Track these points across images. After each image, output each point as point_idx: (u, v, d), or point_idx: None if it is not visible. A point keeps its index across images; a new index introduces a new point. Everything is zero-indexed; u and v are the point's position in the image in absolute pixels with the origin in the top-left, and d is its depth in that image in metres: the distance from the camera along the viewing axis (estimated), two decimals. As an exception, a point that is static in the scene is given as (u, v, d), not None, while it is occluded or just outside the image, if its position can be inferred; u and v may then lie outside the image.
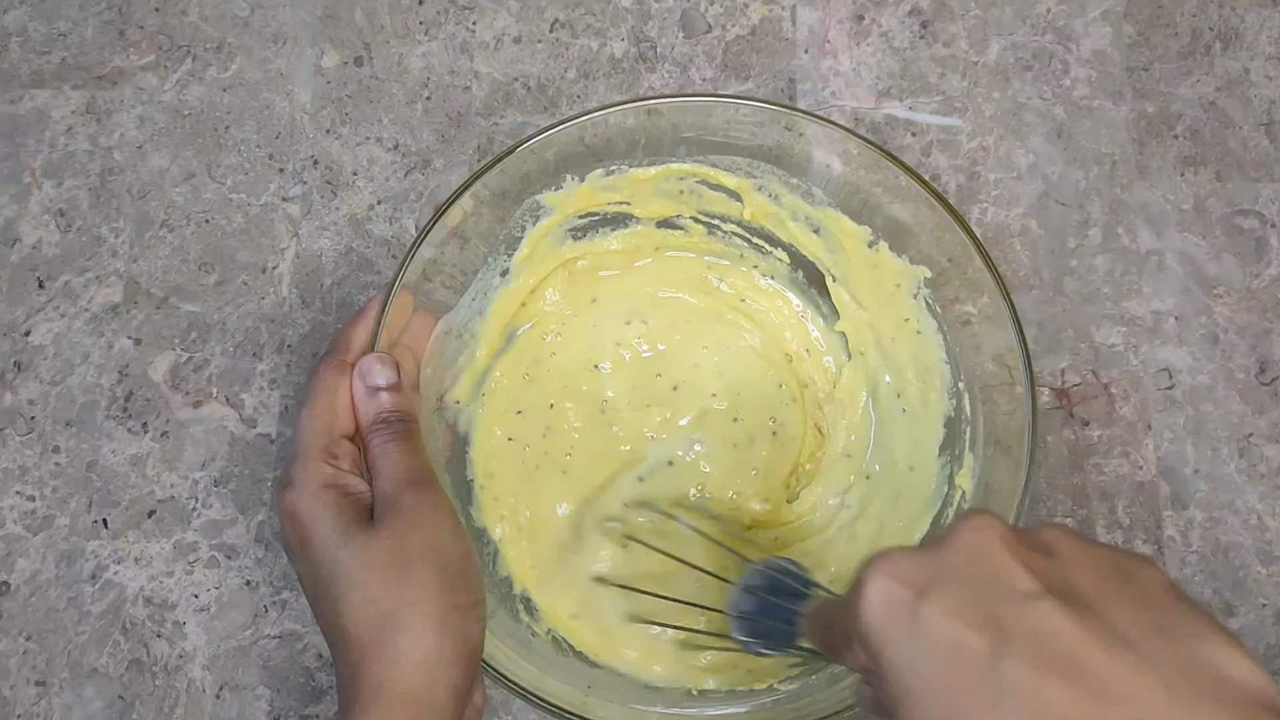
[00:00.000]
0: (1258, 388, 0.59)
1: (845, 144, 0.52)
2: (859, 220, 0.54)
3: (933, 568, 0.31)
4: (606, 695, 0.51)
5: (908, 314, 0.55)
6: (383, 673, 0.40)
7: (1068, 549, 0.32)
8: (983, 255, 0.49)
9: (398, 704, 0.39)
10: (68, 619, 0.56)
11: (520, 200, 0.53)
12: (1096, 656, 0.28)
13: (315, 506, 0.43)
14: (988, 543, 0.31)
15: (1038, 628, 0.29)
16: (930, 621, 0.30)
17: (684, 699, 0.52)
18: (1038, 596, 0.30)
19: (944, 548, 0.32)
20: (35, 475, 0.58)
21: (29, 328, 0.60)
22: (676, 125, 0.53)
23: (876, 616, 0.31)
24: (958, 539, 0.32)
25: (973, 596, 0.30)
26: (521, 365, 0.57)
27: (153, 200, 0.62)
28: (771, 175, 0.54)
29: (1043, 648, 0.29)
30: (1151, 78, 0.63)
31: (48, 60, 0.64)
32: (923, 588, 0.31)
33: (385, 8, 0.65)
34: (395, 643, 0.40)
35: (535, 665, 0.49)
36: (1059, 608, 0.29)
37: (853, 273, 0.56)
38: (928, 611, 0.30)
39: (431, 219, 0.49)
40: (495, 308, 0.56)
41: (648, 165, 0.54)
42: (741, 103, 0.52)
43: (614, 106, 0.51)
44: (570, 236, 0.56)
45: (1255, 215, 0.61)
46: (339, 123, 0.63)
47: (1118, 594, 0.30)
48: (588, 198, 0.55)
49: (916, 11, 0.64)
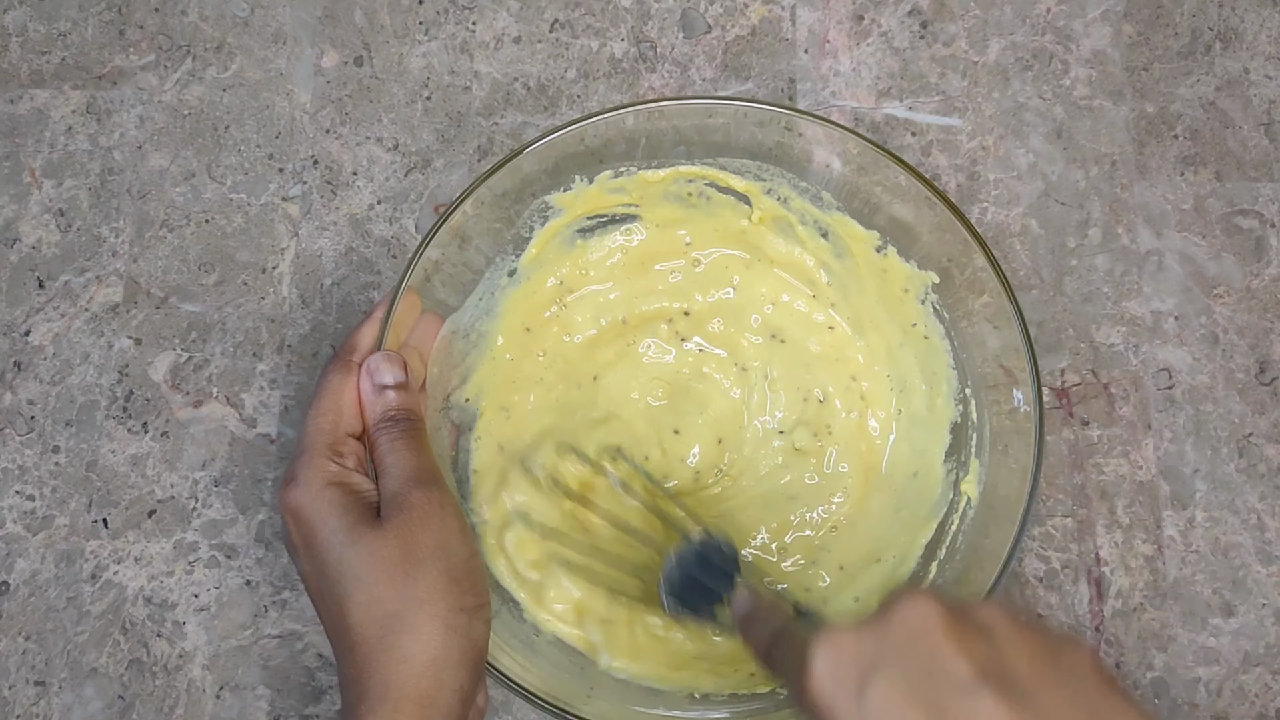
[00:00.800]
0: (1257, 387, 0.59)
1: (845, 143, 0.52)
2: (865, 224, 0.54)
3: (877, 647, 0.33)
4: (608, 698, 0.51)
5: (915, 319, 0.55)
6: (390, 673, 0.39)
7: (1005, 631, 0.33)
8: (986, 254, 0.50)
9: (405, 705, 0.39)
10: (67, 619, 0.56)
11: (522, 199, 0.53)
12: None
13: (319, 504, 0.42)
14: (928, 625, 0.33)
15: (975, 718, 0.31)
16: (875, 703, 0.32)
17: (686, 703, 0.52)
18: (976, 687, 0.31)
19: (886, 628, 0.34)
20: (35, 475, 0.58)
21: (29, 327, 0.60)
22: (678, 127, 0.53)
23: (825, 690, 0.33)
24: (898, 618, 0.34)
25: (915, 682, 0.32)
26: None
27: (152, 200, 0.62)
28: (780, 178, 0.54)
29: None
30: (1151, 78, 0.63)
31: (47, 60, 0.64)
32: (867, 669, 0.33)
33: (385, 8, 0.65)
34: (402, 643, 0.40)
35: (538, 667, 0.49)
36: (996, 698, 0.31)
37: (860, 278, 0.56)
38: (872, 694, 0.32)
39: (437, 221, 0.49)
40: (504, 308, 0.56)
41: (656, 168, 0.54)
42: (745, 105, 0.52)
43: (619, 110, 0.51)
44: (579, 237, 0.56)
45: (1255, 215, 0.61)
46: (339, 123, 0.63)
47: (1053, 680, 0.32)
48: (596, 199, 0.55)
49: (916, 11, 0.64)
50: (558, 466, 0.55)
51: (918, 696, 0.31)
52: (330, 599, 0.42)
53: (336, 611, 0.41)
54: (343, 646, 0.41)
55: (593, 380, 0.57)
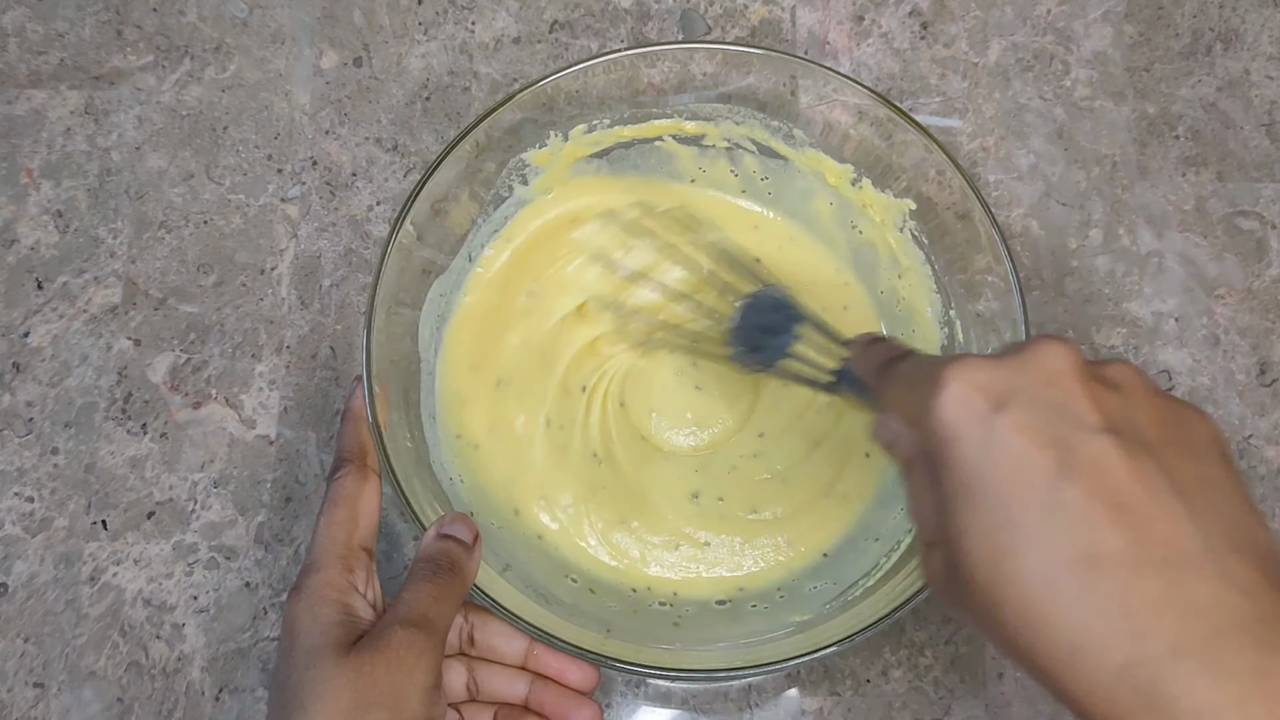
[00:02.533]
0: (1258, 389, 0.59)
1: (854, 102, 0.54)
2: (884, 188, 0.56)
3: (1010, 383, 0.33)
4: (625, 637, 0.50)
5: (894, 247, 0.57)
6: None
7: (1134, 388, 0.33)
8: (977, 196, 0.51)
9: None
10: (66, 621, 0.56)
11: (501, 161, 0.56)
12: (1145, 497, 0.30)
13: (308, 619, 0.41)
14: (1064, 369, 0.33)
15: (1099, 460, 0.31)
16: (1003, 432, 0.32)
17: (703, 632, 0.52)
18: (1103, 431, 0.31)
19: (1022, 366, 0.33)
20: (34, 477, 0.58)
21: (27, 329, 0.60)
22: (656, 84, 0.55)
23: (954, 415, 0.33)
24: (1034, 360, 0.33)
25: (1044, 419, 0.32)
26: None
27: (151, 201, 0.62)
28: (753, 120, 0.57)
29: (1100, 479, 0.30)
30: (1152, 78, 0.63)
31: (45, 61, 0.64)
32: (999, 401, 0.32)
33: (384, 8, 0.64)
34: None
35: (555, 613, 0.49)
36: (1120, 445, 0.31)
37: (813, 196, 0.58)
38: (1001, 423, 0.32)
39: (386, 245, 0.50)
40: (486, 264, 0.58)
41: (630, 123, 0.57)
42: (721, 48, 0.55)
43: (575, 67, 0.53)
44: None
45: (1256, 216, 0.61)
46: (338, 123, 0.63)
47: (1174, 441, 0.32)
48: (573, 155, 0.57)
49: (916, 12, 0.64)
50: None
51: (1046, 432, 0.31)
52: (275, 717, 0.40)
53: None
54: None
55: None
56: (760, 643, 0.50)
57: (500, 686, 0.48)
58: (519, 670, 0.48)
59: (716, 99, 0.56)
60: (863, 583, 0.52)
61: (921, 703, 0.54)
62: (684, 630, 0.52)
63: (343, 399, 0.59)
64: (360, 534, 0.44)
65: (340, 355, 0.60)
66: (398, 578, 0.56)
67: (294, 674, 0.40)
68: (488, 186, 0.56)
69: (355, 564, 0.43)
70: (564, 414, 0.56)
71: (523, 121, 0.55)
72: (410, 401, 0.53)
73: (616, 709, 0.54)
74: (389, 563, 0.57)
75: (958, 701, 0.54)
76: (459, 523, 0.45)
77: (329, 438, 0.58)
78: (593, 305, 0.57)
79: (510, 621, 0.46)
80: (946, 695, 0.54)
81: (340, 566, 0.43)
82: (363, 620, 0.42)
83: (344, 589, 0.42)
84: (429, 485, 0.51)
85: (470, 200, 0.55)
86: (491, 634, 0.48)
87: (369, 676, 0.39)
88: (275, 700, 0.40)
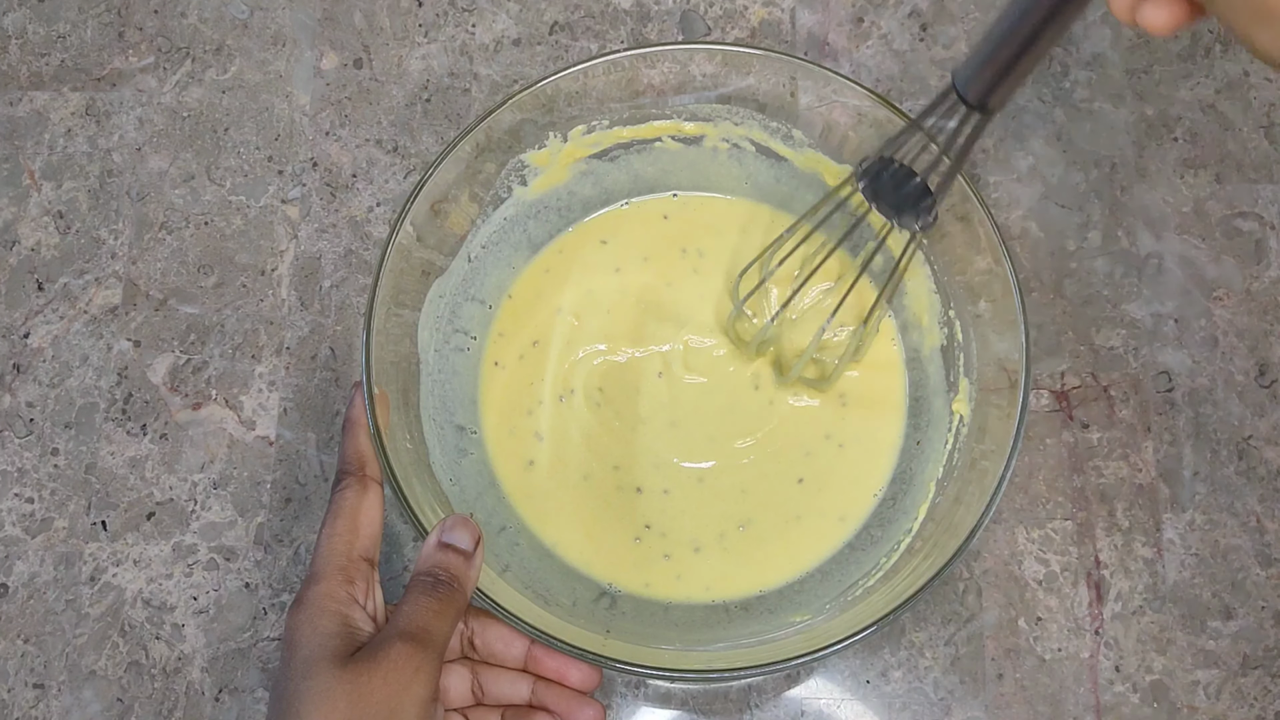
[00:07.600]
0: (1257, 390, 0.59)
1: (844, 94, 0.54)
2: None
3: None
4: (625, 638, 0.50)
5: (894, 249, 0.57)
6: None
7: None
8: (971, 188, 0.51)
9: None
10: (66, 621, 0.56)
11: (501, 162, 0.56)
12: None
13: (308, 630, 0.41)
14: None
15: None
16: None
17: (702, 631, 0.52)
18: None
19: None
20: (34, 477, 0.58)
21: (28, 330, 0.60)
22: (655, 85, 0.55)
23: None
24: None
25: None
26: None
27: (152, 202, 0.62)
28: (752, 121, 0.57)
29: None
30: (1151, 80, 0.63)
31: (47, 62, 0.64)
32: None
33: (384, 10, 0.65)
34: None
35: (554, 615, 0.49)
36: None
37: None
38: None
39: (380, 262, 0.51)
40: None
41: (630, 124, 0.57)
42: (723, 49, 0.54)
43: (570, 69, 0.53)
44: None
45: (1255, 217, 0.61)
46: (338, 125, 0.63)
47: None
48: (572, 156, 0.57)
49: (916, 14, 0.64)
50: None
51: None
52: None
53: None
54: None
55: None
56: (760, 643, 0.50)
57: (504, 689, 0.48)
58: (521, 673, 0.48)
59: (716, 100, 0.56)
60: (863, 583, 0.52)
61: (921, 703, 0.54)
62: (684, 631, 0.52)
63: (343, 400, 0.59)
64: (361, 545, 0.44)
65: (340, 356, 0.60)
66: (398, 578, 0.56)
67: (292, 684, 0.40)
68: (487, 187, 0.56)
69: (355, 575, 0.43)
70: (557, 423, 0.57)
71: (522, 122, 0.55)
72: (410, 402, 0.53)
73: (617, 709, 0.55)
74: (388, 564, 0.57)
75: (957, 702, 0.54)
76: (460, 527, 0.45)
77: (328, 439, 0.58)
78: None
79: (510, 623, 0.46)
80: (946, 696, 0.54)
81: (340, 578, 0.43)
82: (362, 632, 0.42)
83: (344, 600, 0.42)
84: (429, 486, 0.51)
85: (470, 201, 0.56)
86: (492, 639, 0.48)
87: (365, 688, 0.39)
88: (274, 710, 0.41)
